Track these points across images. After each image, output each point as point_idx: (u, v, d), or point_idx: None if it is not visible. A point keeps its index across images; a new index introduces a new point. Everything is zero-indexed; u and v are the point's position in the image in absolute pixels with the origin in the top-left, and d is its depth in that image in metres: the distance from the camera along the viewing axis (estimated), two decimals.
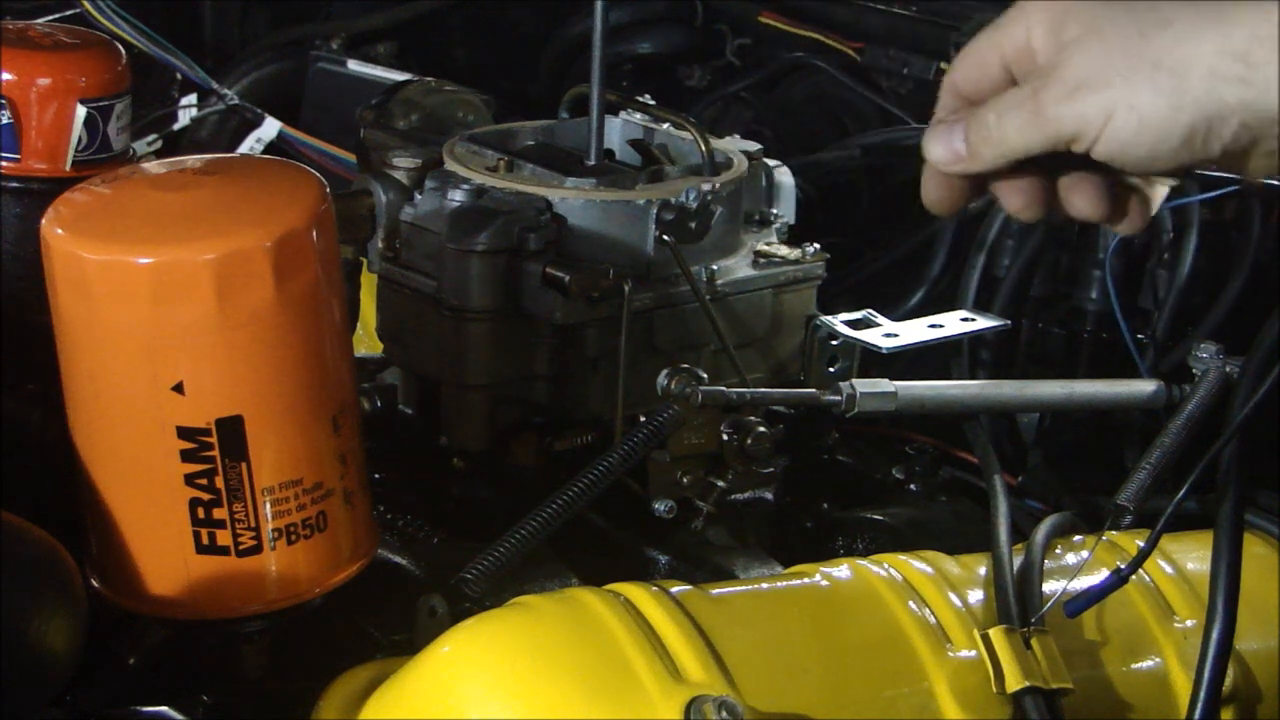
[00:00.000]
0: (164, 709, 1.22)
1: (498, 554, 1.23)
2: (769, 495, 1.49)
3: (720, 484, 1.43)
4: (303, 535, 1.16)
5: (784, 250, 1.55)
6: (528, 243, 1.40)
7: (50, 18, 2.06)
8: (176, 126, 2.21)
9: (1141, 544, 1.24)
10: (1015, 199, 1.03)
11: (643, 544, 1.42)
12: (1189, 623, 1.27)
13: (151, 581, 1.16)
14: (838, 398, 1.41)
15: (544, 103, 2.27)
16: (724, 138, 1.65)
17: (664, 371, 1.37)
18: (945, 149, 1.01)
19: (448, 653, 1.09)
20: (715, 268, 1.49)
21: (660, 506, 1.41)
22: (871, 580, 1.22)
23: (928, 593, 1.21)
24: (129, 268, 1.09)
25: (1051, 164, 1.00)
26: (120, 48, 1.47)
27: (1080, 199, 1.02)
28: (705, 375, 1.38)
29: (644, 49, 2.59)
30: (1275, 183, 1.74)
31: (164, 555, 1.15)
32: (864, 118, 2.33)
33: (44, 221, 1.13)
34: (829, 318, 1.55)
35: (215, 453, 1.12)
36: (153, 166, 1.23)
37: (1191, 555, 1.33)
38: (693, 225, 1.44)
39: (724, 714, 1.01)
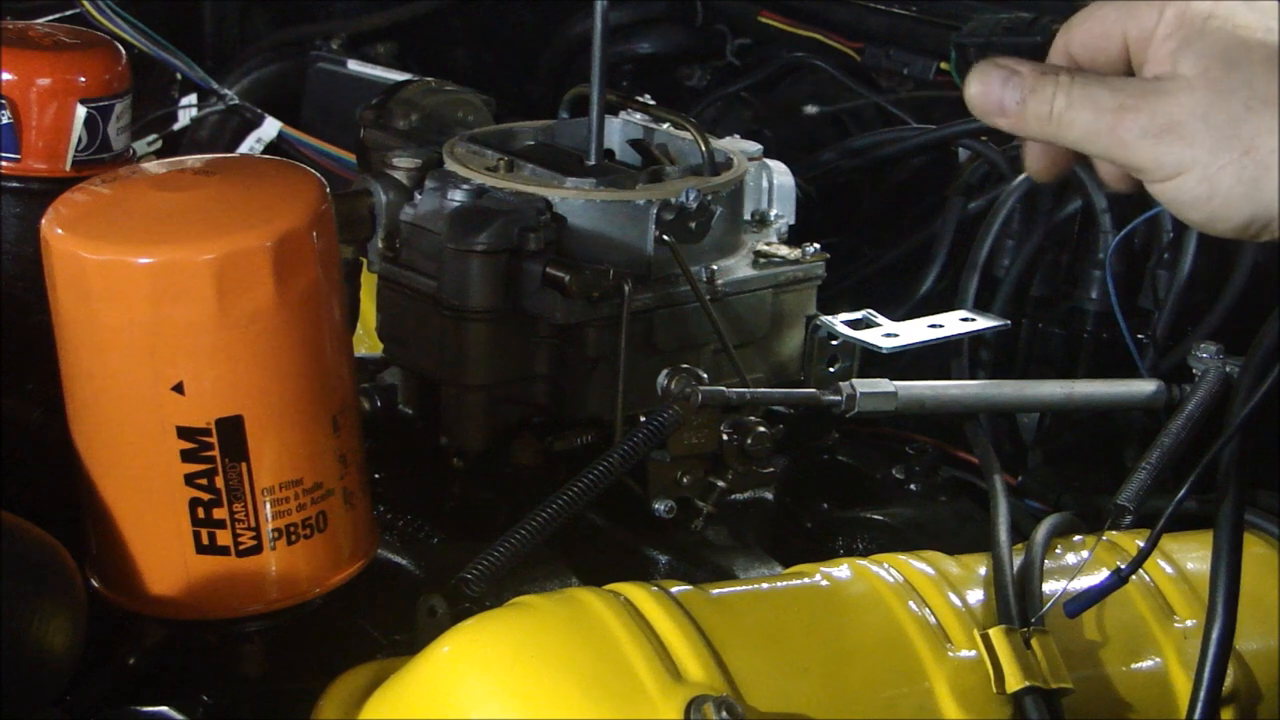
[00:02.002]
0: (164, 709, 1.22)
1: (498, 554, 1.23)
2: (769, 495, 1.49)
3: (720, 484, 1.43)
4: (303, 535, 1.16)
5: (784, 250, 1.55)
6: (528, 243, 1.40)
7: (50, 18, 2.06)
8: (176, 126, 2.21)
9: (1141, 544, 1.24)
10: (1040, 161, 1.01)
11: (643, 544, 1.42)
12: (1189, 623, 1.27)
13: (151, 581, 1.16)
14: (838, 398, 1.41)
15: (544, 103, 2.27)
16: (724, 138, 1.65)
17: (664, 371, 1.37)
18: (987, 93, 0.96)
19: (448, 653, 1.09)
20: (715, 268, 1.49)
21: (660, 506, 1.41)
22: (871, 580, 1.21)
23: (928, 593, 1.21)
24: (129, 268, 1.09)
25: None
26: (120, 48, 1.47)
27: (1110, 175, 0.99)
28: (705, 375, 1.38)
29: (644, 49, 2.59)
30: None
31: (164, 555, 1.15)
32: (864, 118, 2.33)
33: (44, 221, 1.13)
34: (829, 318, 1.55)
35: (215, 453, 1.12)
36: (153, 166, 1.23)
37: (1191, 555, 1.33)
38: (693, 225, 1.44)
39: (724, 714, 1.01)
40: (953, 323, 1.58)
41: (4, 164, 1.40)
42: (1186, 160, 0.91)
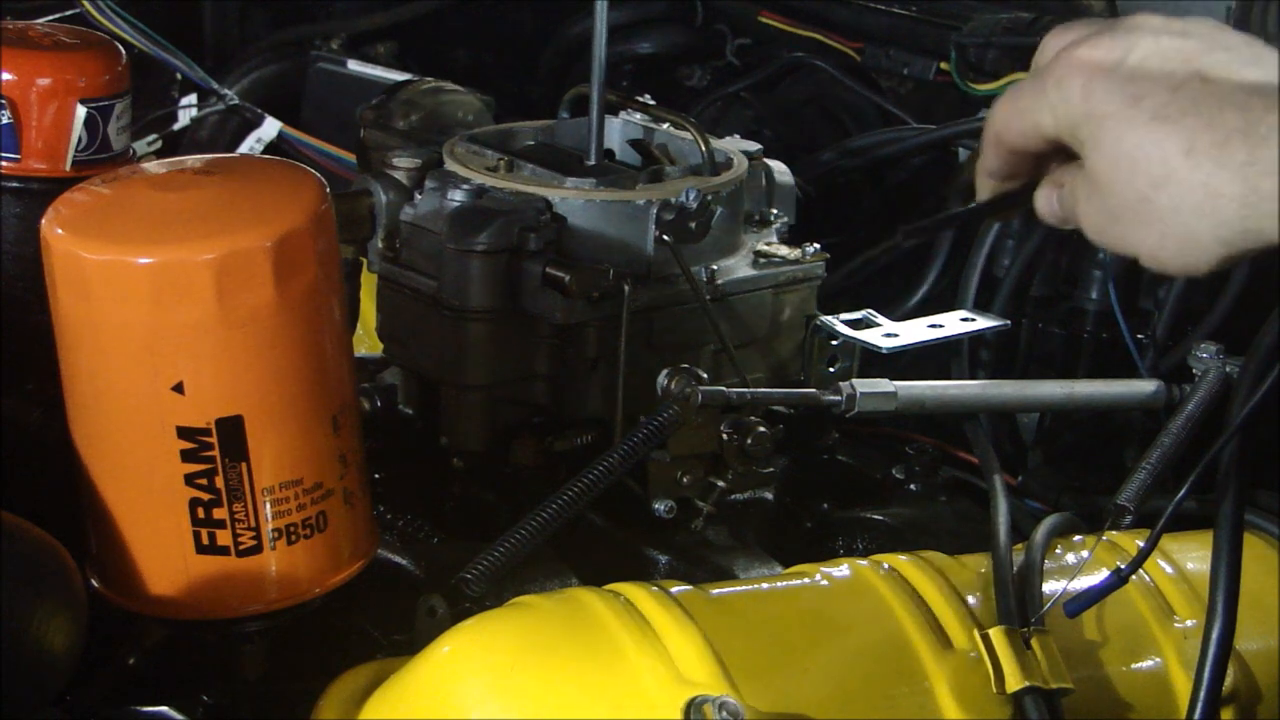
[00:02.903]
0: (164, 709, 1.22)
1: (498, 554, 1.23)
2: (769, 495, 1.49)
3: (720, 484, 1.43)
4: (303, 535, 1.16)
5: (784, 250, 1.55)
6: (528, 243, 1.40)
7: (50, 18, 2.06)
8: (176, 126, 2.21)
9: (1141, 544, 1.24)
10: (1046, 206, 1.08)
11: (643, 544, 1.42)
12: (1189, 623, 1.27)
13: (151, 581, 1.16)
14: (838, 398, 1.41)
15: (544, 103, 2.27)
16: (724, 138, 1.65)
17: (664, 371, 1.37)
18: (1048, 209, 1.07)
19: (448, 653, 1.09)
20: (715, 268, 1.49)
21: (660, 506, 1.41)
22: (871, 580, 1.21)
23: (928, 593, 1.21)
24: (129, 268, 1.09)
25: None
26: (120, 48, 1.47)
27: None
28: (705, 375, 1.38)
29: (644, 49, 2.59)
30: None
31: (164, 555, 1.15)
32: (864, 118, 2.33)
33: (44, 221, 1.13)
34: (829, 318, 1.55)
35: (215, 453, 1.12)
36: (153, 166, 1.23)
37: (1191, 555, 1.33)
38: (693, 225, 1.44)
39: (724, 714, 1.01)
40: (953, 323, 1.58)
41: (4, 164, 1.40)
42: (1133, 246, 0.98)
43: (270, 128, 2.15)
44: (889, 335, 1.52)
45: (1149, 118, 0.96)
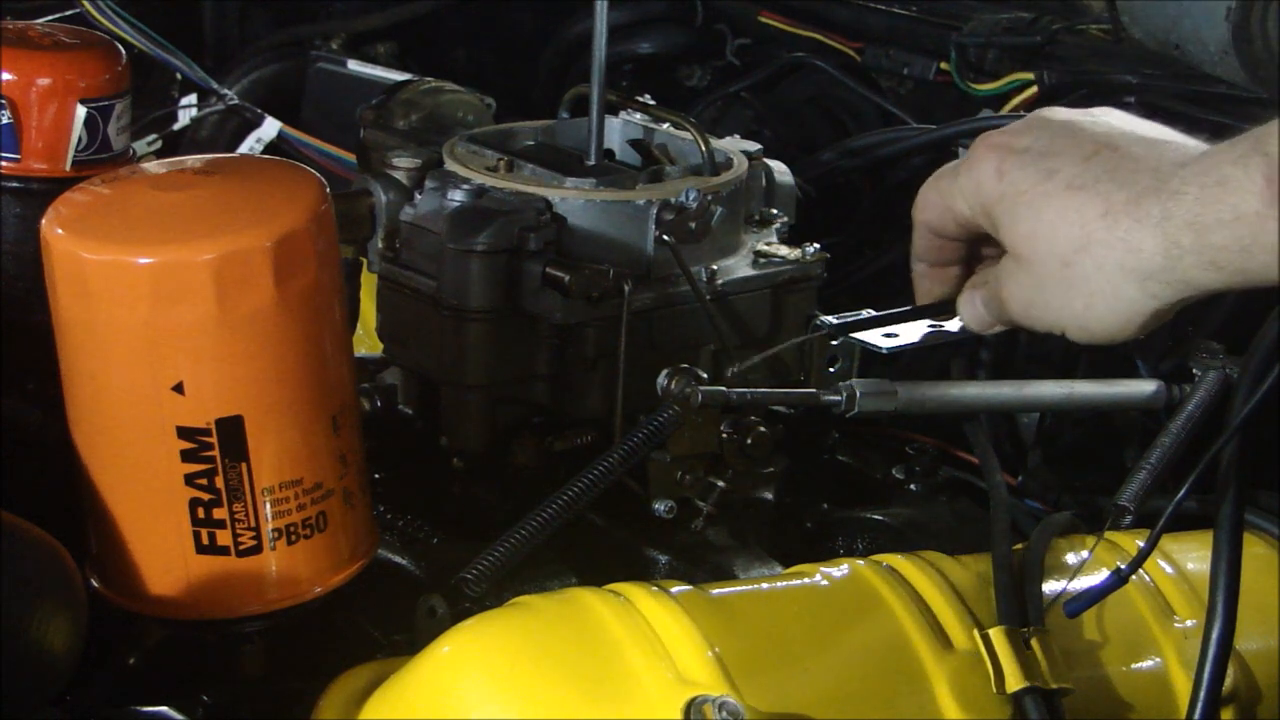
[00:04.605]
0: (164, 709, 1.22)
1: (498, 554, 1.23)
2: (769, 495, 1.49)
3: (720, 484, 1.43)
4: (303, 535, 1.16)
5: (784, 250, 1.55)
6: (528, 243, 1.40)
7: (50, 18, 2.06)
8: (176, 126, 2.21)
9: (1141, 544, 1.24)
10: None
11: (643, 544, 1.42)
12: (1189, 623, 1.27)
13: (151, 581, 1.16)
14: (838, 398, 1.41)
15: (544, 103, 2.27)
16: (724, 138, 1.65)
17: (664, 371, 1.37)
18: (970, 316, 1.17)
19: (448, 653, 1.09)
20: (715, 268, 1.49)
21: (660, 506, 1.41)
22: (871, 580, 1.21)
23: (928, 593, 1.21)
24: (129, 268, 1.09)
25: None
26: (120, 48, 1.47)
27: None
28: (705, 375, 1.38)
29: (644, 49, 2.58)
30: None
31: (164, 555, 1.15)
32: (864, 118, 2.32)
33: (44, 221, 1.13)
34: (829, 318, 1.55)
35: (215, 453, 1.12)
36: (153, 166, 1.23)
37: (1191, 555, 1.33)
38: (693, 225, 1.44)
39: (724, 714, 1.01)
40: (953, 323, 1.58)
41: (4, 164, 1.40)
42: (1057, 324, 1.06)
43: (270, 128, 2.15)
44: (889, 335, 1.52)
45: (1064, 187, 0.98)
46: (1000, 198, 1.02)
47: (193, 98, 2.21)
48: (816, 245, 1.56)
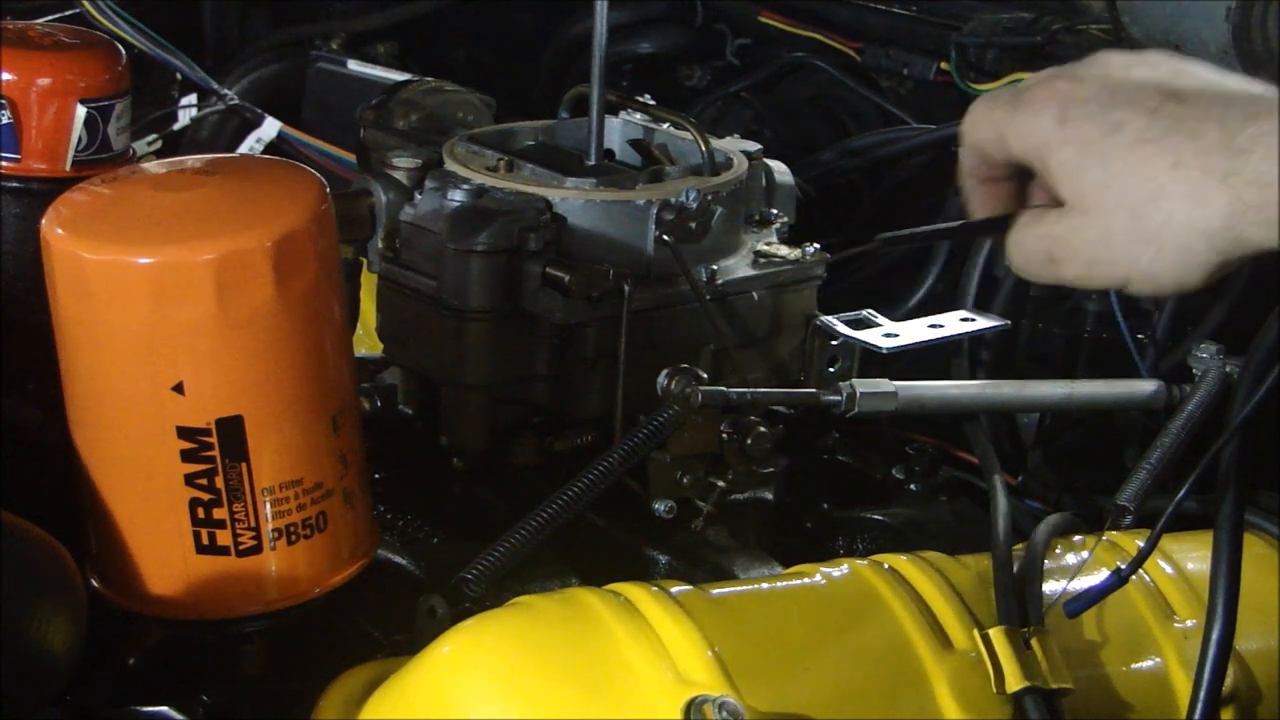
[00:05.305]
0: (164, 709, 1.22)
1: (498, 554, 1.23)
2: (769, 495, 1.49)
3: (720, 484, 1.43)
4: (303, 535, 1.16)
5: (784, 250, 1.55)
6: (528, 243, 1.40)
7: (50, 18, 2.06)
8: (176, 126, 2.21)
9: (1141, 544, 1.24)
10: None
11: (643, 544, 1.42)
12: (1189, 623, 1.27)
13: (151, 581, 1.16)
14: (838, 398, 1.41)
15: (544, 103, 2.27)
16: (724, 138, 1.65)
17: (664, 371, 1.37)
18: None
19: (448, 653, 1.09)
20: (715, 268, 1.49)
21: (660, 506, 1.41)
22: (871, 580, 1.21)
23: (928, 593, 1.21)
24: (129, 268, 1.09)
25: None
26: (120, 48, 1.47)
27: None
28: (705, 375, 1.38)
29: (644, 49, 2.59)
30: None
31: (164, 555, 1.15)
32: (864, 118, 2.33)
33: (44, 221, 1.13)
34: (829, 318, 1.55)
35: (215, 453, 1.12)
36: (153, 166, 1.23)
37: (1191, 555, 1.33)
38: (693, 225, 1.44)
39: (724, 714, 1.01)
40: (953, 323, 1.58)
41: (4, 164, 1.40)
42: (1121, 278, 1.01)
43: (270, 128, 2.15)
44: (889, 335, 1.52)
45: (1132, 140, 0.98)
46: (1062, 146, 1.00)
47: (193, 98, 2.21)
48: (816, 245, 1.56)
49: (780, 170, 1.64)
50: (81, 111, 1.40)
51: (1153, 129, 0.97)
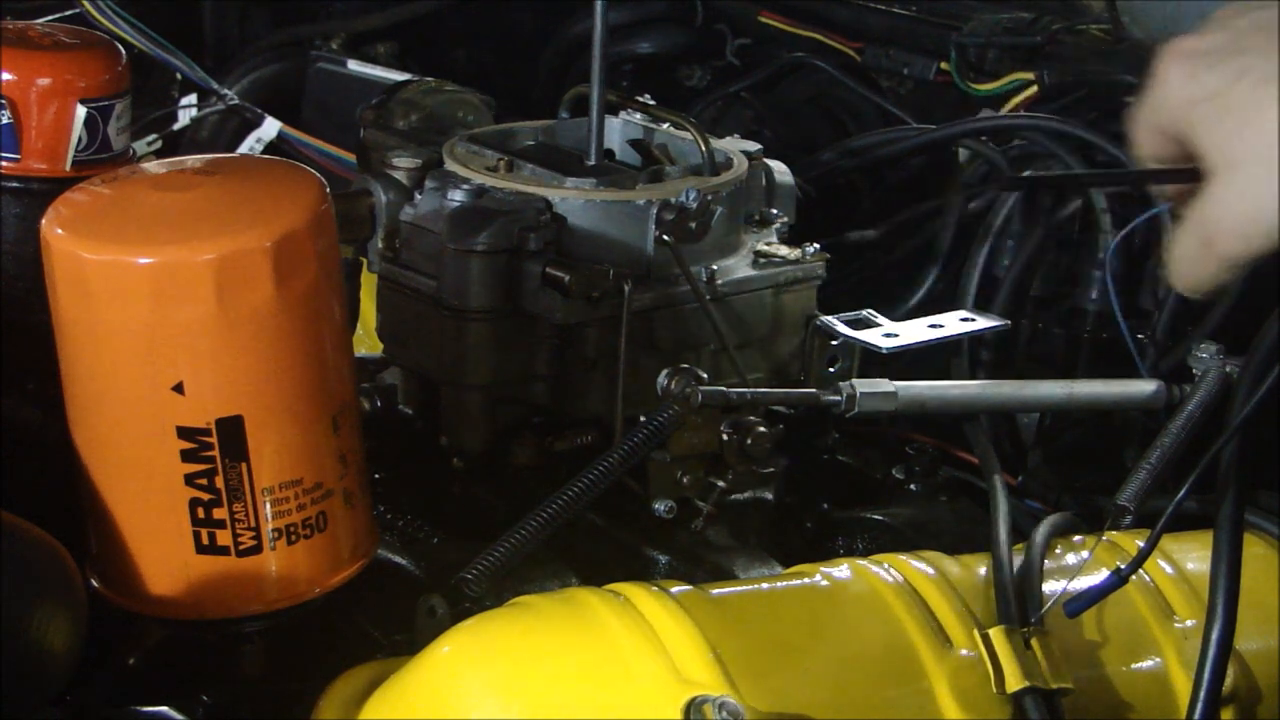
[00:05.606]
0: (164, 709, 1.22)
1: (498, 554, 1.23)
2: (769, 495, 1.49)
3: (720, 484, 1.43)
4: (303, 535, 1.16)
5: (784, 250, 1.55)
6: (528, 243, 1.40)
7: (50, 18, 2.06)
8: (176, 126, 2.21)
9: (1141, 544, 1.24)
10: None
11: (643, 544, 1.42)
12: (1189, 623, 1.27)
13: (151, 581, 1.16)
14: (838, 398, 1.41)
15: (544, 103, 2.27)
16: (724, 138, 1.65)
17: (664, 371, 1.37)
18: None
19: (448, 653, 1.09)
20: (715, 268, 1.49)
21: (660, 506, 1.41)
22: (871, 580, 1.21)
23: (928, 593, 1.21)
24: (129, 268, 1.09)
25: None
26: (120, 48, 1.47)
27: None
28: (705, 375, 1.38)
29: (644, 49, 2.58)
30: None
31: (164, 555, 1.15)
32: (864, 118, 2.32)
33: (44, 221, 1.13)
34: (829, 318, 1.55)
35: (215, 453, 1.12)
36: (153, 166, 1.23)
37: (1191, 555, 1.33)
38: (693, 225, 1.44)
39: (724, 714, 1.01)
40: (953, 323, 1.58)
41: (4, 164, 1.40)
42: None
43: (270, 128, 2.15)
44: (889, 335, 1.52)
45: (1262, 82, 0.95)
46: (1195, 101, 0.98)
47: (193, 98, 2.21)
48: (816, 245, 1.56)
49: (780, 170, 1.64)
50: (81, 111, 1.40)
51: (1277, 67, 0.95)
